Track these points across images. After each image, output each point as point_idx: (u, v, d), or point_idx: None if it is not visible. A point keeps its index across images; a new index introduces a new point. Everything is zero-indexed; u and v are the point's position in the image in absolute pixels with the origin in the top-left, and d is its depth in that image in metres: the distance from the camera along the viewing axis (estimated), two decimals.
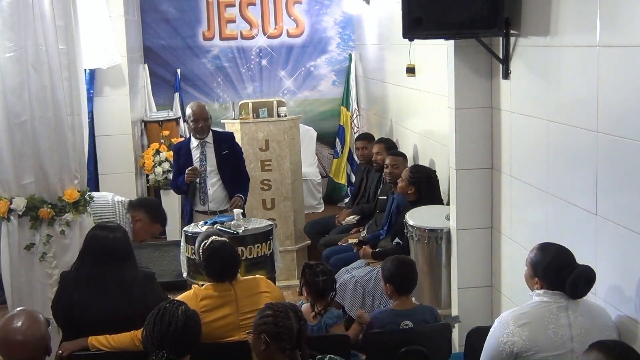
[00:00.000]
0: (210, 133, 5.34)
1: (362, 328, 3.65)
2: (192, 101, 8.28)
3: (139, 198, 5.96)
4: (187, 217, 5.43)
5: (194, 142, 5.32)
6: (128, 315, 3.30)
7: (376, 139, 6.37)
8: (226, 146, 5.36)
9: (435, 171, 5.11)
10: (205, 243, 3.58)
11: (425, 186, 4.88)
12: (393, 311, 3.59)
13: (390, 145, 5.94)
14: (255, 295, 3.51)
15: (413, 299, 3.77)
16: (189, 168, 5.20)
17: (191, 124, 5.27)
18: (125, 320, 3.30)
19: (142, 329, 2.94)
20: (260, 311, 2.91)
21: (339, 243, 5.68)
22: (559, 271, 2.81)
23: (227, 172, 5.31)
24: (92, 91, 6.64)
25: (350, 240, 5.61)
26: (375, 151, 5.94)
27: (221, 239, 3.64)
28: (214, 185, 5.29)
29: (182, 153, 5.37)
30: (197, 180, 5.24)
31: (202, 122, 5.25)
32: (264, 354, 2.82)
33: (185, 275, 4.87)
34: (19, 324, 2.72)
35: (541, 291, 2.85)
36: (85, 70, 6.29)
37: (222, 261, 3.50)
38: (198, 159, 5.28)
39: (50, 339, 2.84)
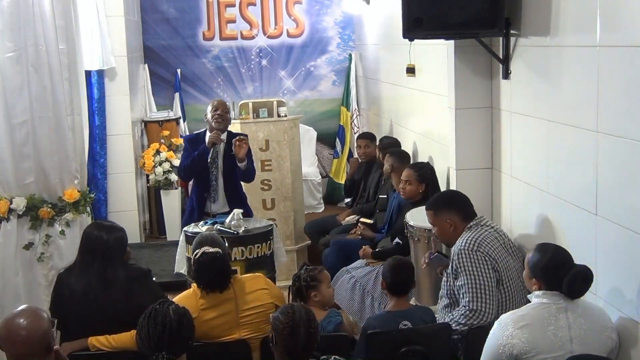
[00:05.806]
0: (226, 133, 5.23)
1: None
2: (192, 101, 8.40)
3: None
4: (189, 216, 5.26)
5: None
6: (125, 313, 3.30)
7: (377, 139, 6.37)
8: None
9: (428, 162, 5.14)
10: (197, 253, 3.48)
11: (431, 180, 4.88)
12: (389, 313, 3.52)
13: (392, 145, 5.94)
14: (254, 292, 3.50)
15: (412, 299, 3.72)
16: (214, 132, 5.09)
17: (211, 113, 5.16)
18: (123, 319, 3.30)
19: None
20: (281, 309, 2.83)
21: (348, 236, 5.68)
22: (556, 271, 2.81)
23: (233, 175, 5.22)
24: (103, 91, 6.63)
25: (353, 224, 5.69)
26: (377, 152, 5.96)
27: (212, 250, 3.47)
28: (220, 185, 5.21)
29: (198, 142, 5.22)
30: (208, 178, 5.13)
31: (221, 110, 5.15)
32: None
33: (176, 271, 4.86)
34: (22, 319, 2.73)
35: (540, 292, 2.85)
36: (92, 71, 6.30)
37: (209, 276, 3.43)
38: (210, 157, 5.14)
39: (54, 338, 2.84)
